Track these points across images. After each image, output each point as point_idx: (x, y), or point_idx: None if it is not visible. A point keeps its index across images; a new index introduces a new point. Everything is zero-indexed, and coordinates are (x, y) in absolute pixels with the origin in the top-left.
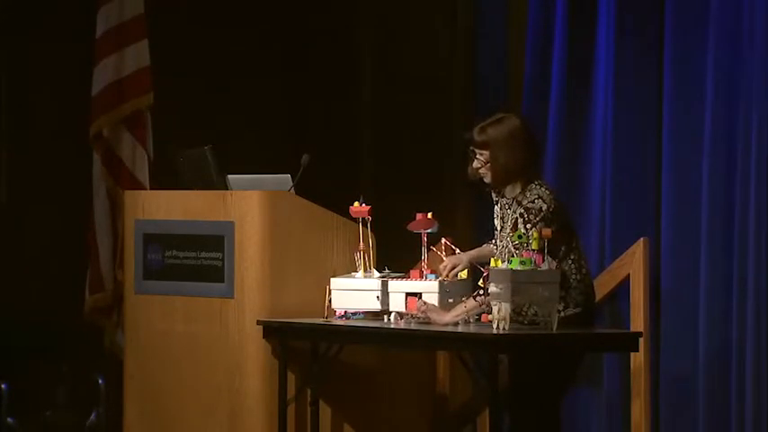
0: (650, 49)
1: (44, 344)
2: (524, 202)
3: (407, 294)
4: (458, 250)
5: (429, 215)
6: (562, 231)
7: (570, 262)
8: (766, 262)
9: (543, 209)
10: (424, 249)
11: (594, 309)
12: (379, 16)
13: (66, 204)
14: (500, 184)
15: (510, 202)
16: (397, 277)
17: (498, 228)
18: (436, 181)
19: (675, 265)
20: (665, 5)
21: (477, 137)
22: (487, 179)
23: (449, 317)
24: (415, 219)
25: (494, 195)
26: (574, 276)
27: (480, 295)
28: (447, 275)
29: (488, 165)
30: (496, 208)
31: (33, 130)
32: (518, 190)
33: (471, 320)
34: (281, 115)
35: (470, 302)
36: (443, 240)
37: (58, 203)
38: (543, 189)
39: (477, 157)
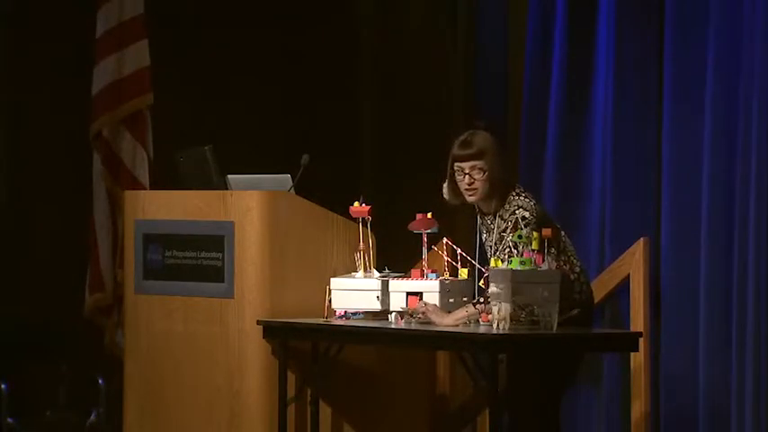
0: (650, 48)
1: (44, 344)
2: (506, 216)
3: (408, 294)
4: (458, 250)
5: (429, 215)
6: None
7: (563, 263)
8: (766, 262)
9: (527, 216)
10: (424, 249)
11: (592, 307)
12: (379, 16)
13: (66, 204)
14: (491, 195)
15: (492, 218)
16: (398, 277)
17: (488, 254)
18: (436, 181)
19: (675, 265)
20: (665, 5)
21: (467, 149)
22: (475, 195)
23: (449, 319)
24: (415, 219)
25: (478, 219)
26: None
27: (481, 303)
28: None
29: (486, 175)
30: (484, 236)
31: (33, 130)
32: (497, 204)
33: (471, 322)
34: (281, 115)
35: (471, 309)
36: (444, 240)
37: (58, 203)
38: (521, 198)
39: (468, 171)
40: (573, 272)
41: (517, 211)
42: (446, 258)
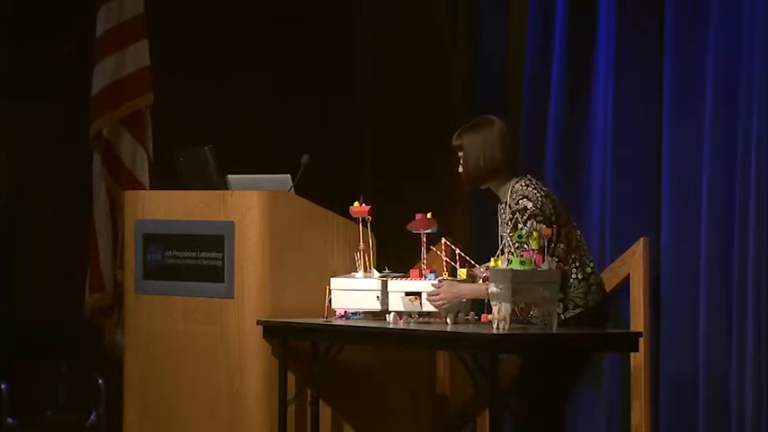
0: (650, 49)
1: (44, 344)
2: (512, 205)
3: (407, 294)
4: (457, 250)
5: (429, 215)
6: (558, 229)
7: (571, 261)
8: (766, 262)
9: (529, 207)
10: (423, 249)
11: (598, 306)
12: (379, 16)
13: (66, 204)
14: (469, 184)
15: (503, 207)
16: (397, 277)
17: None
18: (436, 181)
19: (675, 265)
20: (665, 5)
21: (454, 141)
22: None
23: (464, 290)
24: (414, 219)
25: (499, 206)
26: (574, 276)
27: None
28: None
29: (462, 165)
30: (498, 218)
31: (33, 129)
32: (507, 192)
33: (471, 320)
34: (281, 115)
35: (483, 288)
36: (443, 240)
37: (58, 204)
38: (530, 188)
39: (459, 160)
40: (584, 271)
41: (521, 201)
42: (445, 258)
